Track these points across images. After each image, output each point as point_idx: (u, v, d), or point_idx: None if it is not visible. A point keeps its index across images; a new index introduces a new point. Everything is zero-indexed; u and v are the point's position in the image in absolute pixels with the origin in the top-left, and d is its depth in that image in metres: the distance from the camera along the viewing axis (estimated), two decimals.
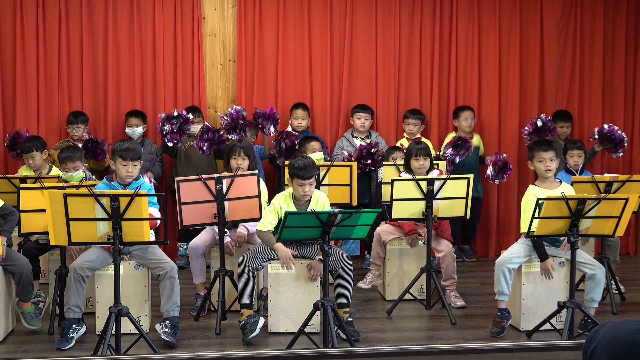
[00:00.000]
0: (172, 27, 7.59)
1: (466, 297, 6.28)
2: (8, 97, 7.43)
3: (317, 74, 7.79)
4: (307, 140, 7.00)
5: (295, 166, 5.27)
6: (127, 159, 5.29)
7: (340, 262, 5.35)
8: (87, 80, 7.51)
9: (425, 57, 7.91)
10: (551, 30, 8.00)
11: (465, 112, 7.67)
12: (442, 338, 5.43)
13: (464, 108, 7.70)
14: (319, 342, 5.08)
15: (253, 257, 5.41)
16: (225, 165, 6.03)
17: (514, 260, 5.44)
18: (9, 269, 5.30)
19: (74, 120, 7.18)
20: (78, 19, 7.45)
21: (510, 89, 7.99)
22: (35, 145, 6.49)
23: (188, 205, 5.47)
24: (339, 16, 7.77)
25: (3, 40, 7.38)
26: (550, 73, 8.04)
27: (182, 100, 7.62)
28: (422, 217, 5.88)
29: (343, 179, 6.43)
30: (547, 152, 5.55)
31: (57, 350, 5.09)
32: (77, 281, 5.19)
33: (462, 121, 7.63)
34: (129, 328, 5.21)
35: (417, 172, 6.12)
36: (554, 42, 8.01)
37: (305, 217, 4.86)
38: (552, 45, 8.01)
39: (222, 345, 5.26)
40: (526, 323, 5.51)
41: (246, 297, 5.34)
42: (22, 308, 5.45)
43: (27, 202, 5.36)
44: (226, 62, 7.79)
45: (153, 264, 5.35)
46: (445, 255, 6.08)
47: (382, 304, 6.25)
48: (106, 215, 4.65)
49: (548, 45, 8.01)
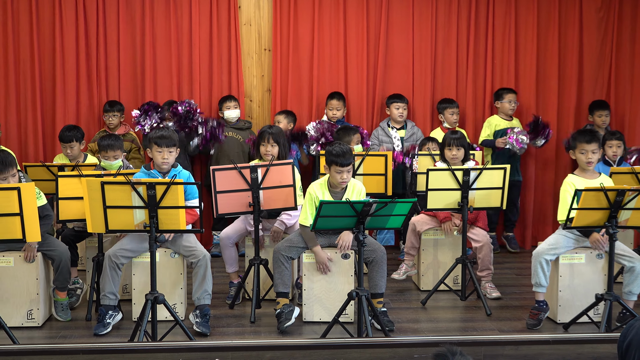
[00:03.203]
0: (208, 16, 7.61)
1: (502, 288, 6.22)
2: (47, 88, 7.52)
3: (352, 63, 7.76)
4: (348, 131, 6.98)
5: (333, 153, 5.26)
6: (162, 145, 5.32)
7: (374, 252, 5.33)
8: (124, 70, 7.57)
9: (462, 46, 7.83)
10: (591, 18, 7.86)
11: (509, 94, 7.57)
12: (477, 329, 5.39)
13: (508, 90, 7.61)
14: (353, 331, 5.08)
15: (288, 246, 5.42)
16: (256, 152, 6.04)
17: (552, 252, 5.38)
18: (49, 254, 5.38)
19: (110, 109, 7.26)
20: (116, 9, 7.51)
21: (548, 79, 7.88)
22: (75, 135, 6.57)
23: (223, 194, 5.49)
24: (375, 4, 7.72)
25: (42, 31, 7.47)
26: (590, 62, 7.91)
27: (217, 89, 7.65)
28: (457, 207, 5.84)
29: (378, 169, 6.40)
30: (590, 144, 5.45)
31: (94, 335, 5.16)
32: (113, 269, 5.25)
33: (506, 103, 7.54)
34: (164, 315, 5.25)
35: (451, 162, 6.07)
36: (594, 30, 7.87)
37: (340, 206, 4.85)
38: (592, 33, 7.88)
39: (257, 334, 5.28)
40: (563, 315, 5.45)
41: (282, 286, 5.36)
42: (57, 297, 5.52)
43: (65, 189, 5.43)
44: (261, 51, 7.79)
45: (187, 251, 5.39)
46: (482, 245, 6.03)
47: (416, 295, 6.22)
48: (143, 203, 4.69)
49: (588, 33, 7.87)
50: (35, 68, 7.43)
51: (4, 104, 7.44)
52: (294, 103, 7.71)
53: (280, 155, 5.91)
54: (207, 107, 7.67)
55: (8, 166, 5.07)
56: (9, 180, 5.07)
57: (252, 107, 7.82)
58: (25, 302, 5.31)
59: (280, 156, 5.91)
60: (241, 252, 6.52)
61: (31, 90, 7.47)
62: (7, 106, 7.46)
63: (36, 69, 7.43)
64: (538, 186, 7.96)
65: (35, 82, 7.44)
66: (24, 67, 7.46)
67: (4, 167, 5.06)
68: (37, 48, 7.42)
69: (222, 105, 7.44)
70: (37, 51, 7.42)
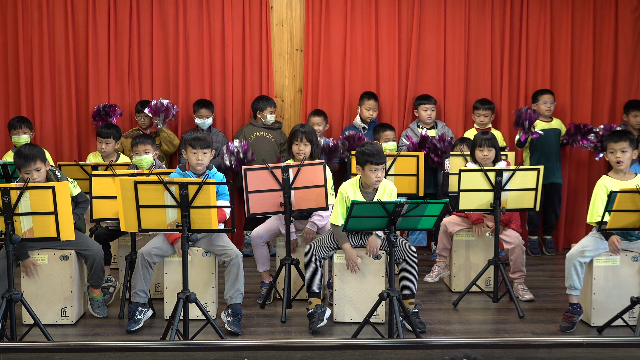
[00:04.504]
0: (241, 16, 7.64)
1: (535, 290, 6.16)
2: (81, 87, 7.61)
3: (384, 63, 7.74)
4: (382, 128, 7.02)
5: (367, 153, 5.27)
6: (196, 147, 5.36)
7: (405, 252, 5.31)
8: (157, 70, 7.64)
9: (495, 47, 7.77)
10: (626, 18, 7.76)
11: (544, 95, 7.50)
12: (510, 331, 5.34)
13: (543, 91, 7.55)
14: (384, 332, 5.06)
15: (320, 246, 5.42)
16: (288, 150, 6.05)
17: (586, 254, 5.32)
18: (83, 253, 5.44)
19: (142, 109, 7.33)
20: (149, 9, 7.58)
21: (583, 79, 7.80)
22: (112, 133, 6.71)
23: (255, 193, 5.51)
24: (407, 4, 7.70)
25: (76, 31, 7.55)
26: (625, 62, 7.81)
27: (249, 89, 7.68)
28: (489, 208, 5.79)
29: (409, 169, 6.38)
30: (618, 143, 5.38)
31: (127, 332, 5.21)
32: (145, 267, 5.30)
33: (541, 105, 7.47)
34: (196, 314, 5.29)
35: (482, 162, 6.02)
36: (629, 30, 7.77)
37: (371, 206, 4.84)
38: (627, 33, 7.77)
39: (288, 333, 5.29)
40: (597, 318, 5.38)
41: (314, 286, 5.37)
42: (92, 294, 5.58)
43: (98, 189, 5.49)
44: (293, 52, 7.80)
45: (219, 251, 5.41)
46: (514, 247, 5.98)
47: (448, 296, 6.19)
48: (175, 203, 4.72)
49: (623, 33, 7.77)
50: (70, 69, 7.52)
51: (39, 105, 7.54)
52: (325, 103, 7.71)
53: (313, 154, 5.92)
54: (239, 107, 7.70)
55: (30, 160, 5.11)
56: (33, 174, 5.12)
57: (284, 108, 7.83)
58: (59, 300, 5.38)
59: (313, 155, 5.91)
60: (272, 252, 6.54)
61: (66, 91, 7.56)
62: (43, 106, 7.56)
63: (71, 69, 7.52)
64: (571, 187, 7.87)
65: (70, 83, 7.53)
66: (59, 68, 7.56)
67: (25, 160, 5.11)
68: (71, 49, 7.51)
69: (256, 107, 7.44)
70: (71, 52, 7.51)
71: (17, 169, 5.20)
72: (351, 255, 5.35)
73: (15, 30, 7.49)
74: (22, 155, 5.13)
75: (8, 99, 7.58)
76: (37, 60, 7.52)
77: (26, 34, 7.49)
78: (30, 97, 7.54)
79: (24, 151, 5.15)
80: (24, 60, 7.49)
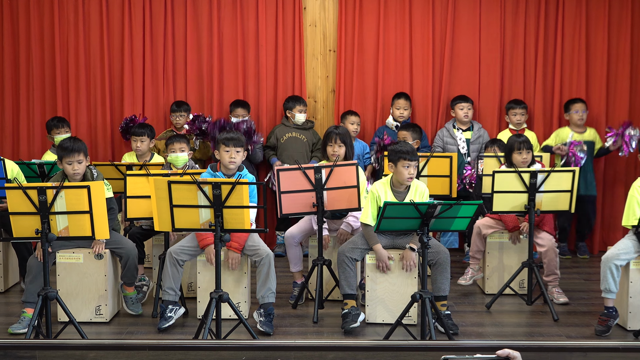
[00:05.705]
0: (274, 17, 7.66)
1: (569, 293, 6.09)
2: (116, 88, 7.69)
3: (417, 65, 7.71)
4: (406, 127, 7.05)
5: (400, 150, 5.27)
6: (229, 145, 5.40)
7: (438, 254, 5.29)
8: (191, 71, 7.69)
9: (530, 48, 7.70)
10: None
11: (576, 104, 7.40)
12: (544, 335, 5.29)
13: (574, 100, 7.44)
14: (417, 334, 5.04)
15: (352, 247, 5.41)
16: (322, 152, 6.05)
17: (622, 257, 5.24)
18: (117, 252, 5.49)
19: (177, 109, 7.39)
20: (183, 11, 7.64)
21: (620, 81, 7.69)
22: (147, 131, 6.80)
23: (287, 194, 5.52)
24: (441, 4, 7.66)
25: (111, 33, 7.64)
26: None
27: (282, 90, 7.70)
28: (524, 210, 5.74)
29: (443, 170, 6.34)
30: None
31: (159, 331, 5.24)
32: (173, 265, 5.34)
33: (573, 114, 7.37)
34: (228, 314, 5.31)
35: (521, 165, 5.96)
36: None
37: (404, 208, 4.82)
38: None
39: (319, 334, 5.29)
40: (634, 322, 5.31)
41: (348, 288, 5.37)
42: (125, 292, 5.63)
43: (133, 188, 5.54)
44: (326, 52, 7.80)
45: (250, 250, 5.43)
46: (547, 250, 5.91)
47: (481, 298, 6.14)
48: (208, 203, 4.75)
49: None
50: (104, 69, 7.61)
51: (74, 105, 7.64)
52: (358, 104, 7.70)
53: (347, 155, 5.92)
54: (272, 107, 7.73)
55: (74, 151, 5.28)
56: (75, 165, 5.28)
57: (317, 108, 7.84)
58: (93, 298, 5.44)
59: (347, 157, 5.92)
60: (304, 252, 6.55)
61: (101, 91, 7.65)
62: (78, 106, 7.66)
63: (106, 70, 7.61)
64: (607, 190, 7.77)
65: (104, 83, 7.62)
66: (94, 69, 7.65)
67: (70, 151, 5.28)
68: (107, 50, 7.60)
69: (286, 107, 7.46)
70: (106, 53, 7.60)
71: (59, 160, 5.35)
72: (382, 255, 5.34)
73: (51, 32, 7.60)
74: (67, 146, 5.30)
75: (44, 100, 7.69)
76: (73, 61, 7.62)
77: (62, 36, 7.61)
78: (67, 98, 7.65)
79: (69, 142, 5.33)
80: (60, 62, 7.60)
